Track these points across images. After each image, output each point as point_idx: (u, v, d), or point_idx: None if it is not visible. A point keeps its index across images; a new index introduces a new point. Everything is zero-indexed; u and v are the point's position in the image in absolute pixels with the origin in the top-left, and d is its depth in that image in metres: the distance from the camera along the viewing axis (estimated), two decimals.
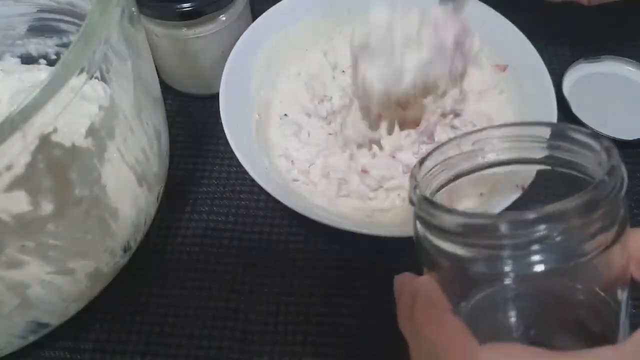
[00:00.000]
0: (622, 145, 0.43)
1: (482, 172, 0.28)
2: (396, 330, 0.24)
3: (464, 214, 0.21)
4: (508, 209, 0.33)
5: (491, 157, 0.27)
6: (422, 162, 0.27)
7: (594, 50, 0.48)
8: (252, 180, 0.35)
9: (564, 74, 0.46)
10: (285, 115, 0.43)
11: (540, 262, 0.20)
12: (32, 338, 0.33)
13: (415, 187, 0.25)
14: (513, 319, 0.22)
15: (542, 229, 0.20)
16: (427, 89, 0.35)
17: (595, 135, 0.23)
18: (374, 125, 0.40)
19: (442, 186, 0.27)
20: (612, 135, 0.43)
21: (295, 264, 0.38)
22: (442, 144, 0.27)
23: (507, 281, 0.21)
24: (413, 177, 0.26)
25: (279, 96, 0.44)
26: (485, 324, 0.23)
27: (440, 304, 0.23)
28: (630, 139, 0.43)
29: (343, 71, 0.45)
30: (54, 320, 0.33)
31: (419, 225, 0.24)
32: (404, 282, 0.25)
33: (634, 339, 0.19)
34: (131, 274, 0.37)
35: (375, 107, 0.36)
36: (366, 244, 0.38)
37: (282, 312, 0.36)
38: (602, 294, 0.22)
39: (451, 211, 0.22)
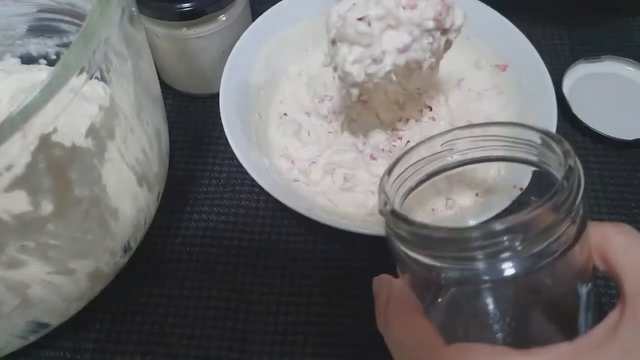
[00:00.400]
0: (622, 145, 0.43)
1: (452, 171, 0.28)
2: None
3: (428, 227, 0.22)
4: (507, 209, 0.33)
5: (459, 157, 0.28)
6: (389, 171, 0.27)
7: (594, 50, 0.48)
8: (252, 180, 0.35)
9: (564, 74, 0.46)
10: (285, 114, 0.43)
11: (507, 268, 0.21)
12: (32, 338, 0.33)
13: (384, 201, 0.25)
14: (481, 318, 0.23)
15: (504, 240, 0.20)
16: (409, 68, 0.34)
17: (556, 137, 0.24)
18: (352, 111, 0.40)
19: (413, 188, 0.28)
20: (612, 135, 0.43)
21: (295, 264, 0.38)
22: (411, 148, 0.28)
23: (473, 286, 0.22)
24: (382, 189, 0.26)
25: (279, 96, 0.44)
26: (455, 322, 0.24)
27: (410, 306, 0.24)
28: (630, 139, 0.43)
29: None
30: (54, 320, 0.33)
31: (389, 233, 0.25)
32: (381, 284, 0.26)
33: (590, 333, 0.20)
34: (131, 274, 0.37)
35: (354, 91, 0.35)
36: (366, 244, 0.38)
37: (282, 312, 0.36)
38: (567, 288, 0.23)
39: (416, 225, 0.22)
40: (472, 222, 0.31)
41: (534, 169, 0.26)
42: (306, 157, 0.41)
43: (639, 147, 0.43)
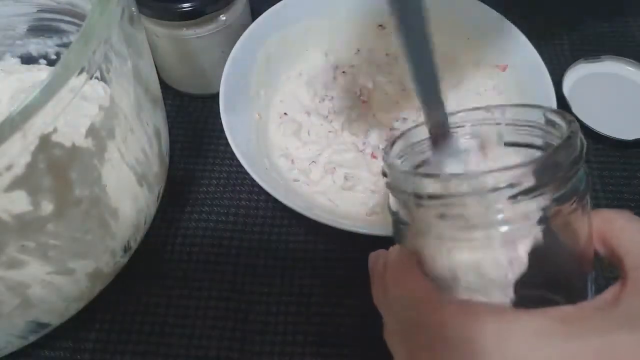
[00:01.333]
0: (622, 145, 0.43)
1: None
2: None
3: (431, 175, 0.23)
4: None
5: (463, 140, 0.27)
6: (394, 141, 0.27)
7: (594, 50, 0.48)
8: (252, 180, 0.35)
9: (564, 74, 0.46)
10: (285, 114, 0.43)
11: (504, 222, 0.21)
12: (32, 338, 0.33)
13: (386, 155, 0.26)
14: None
15: (504, 186, 0.20)
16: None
17: (561, 112, 0.24)
18: None
19: (415, 168, 0.28)
20: (612, 135, 0.43)
21: (295, 264, 0.38)
22: (414, 127, 0.28)
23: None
24: (386, 151, 0.26)
25: (279, 96, 0.44)
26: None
27: (409, 263, 0.24)
28: (630, 139, 0.43)
29: (344, 72, 0.45)
30: (54, 320, 0.33)
31: (391, 198, 0.25)
32: (377, 256, 0.26)
33: (594, 299, 0.20)
34: (131, 274, 0.37)
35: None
36: (366, 244, 0.38)
37: (282, 312, 0.36)
38: (570, 271, 0.23)
39: (419, 174, 0.23)
40: None
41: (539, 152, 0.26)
42: (306, 157, 0.41)
43: (639, 147, 0.43)
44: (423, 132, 0.27)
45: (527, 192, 0.20)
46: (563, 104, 0.44)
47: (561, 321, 0.19)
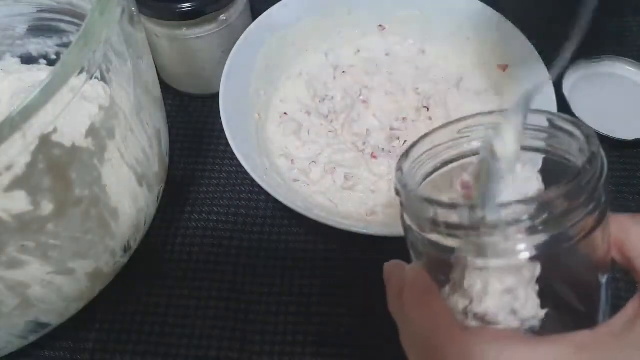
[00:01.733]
0: (622, 145, 0.43)
1: (468, 159, 0.28)
2: (396, 330, 0.24)
3: (449, 205, 0.22)
4: None
5: (477, 144, 0.27)
6: (408, 152, 0.26)
7: (594, 50, 0.48)
8: (252, 180, 0.35)
9: (564, 74, 0.46)
10: (285, 113, 0.43)
11: (525, 250, 0.20)
12: (32, 338, 0.33)
13: (400, 177, 0.25)
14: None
15: (525, 219, 0.20)
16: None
17: (576, 121, 0.23)
18: None
19: (429, 175, 0.27)
20: (612, 135, 0.43)
21: (295, 264, 0.38)
22: (427, 134, 0.27)
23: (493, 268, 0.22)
24: (399, 168, 0.25)
25: (280, 95, 0.44)
26: None
27: (427, 287, 0.23)
28: (630, 139, 0.43)
29: (344, 71, 0.46)
30: (54, 320, 0.33)
31: (405, 216, 0.24)
32: (394, 269, 0.26)
33: (609, 322, 0.20)
34: (131, 274, 0.37)
35: None
36: (366, 244, 0.38)
37: (282, 312, 0.36)
38: (585, 277, 0.23)
39: (436, 203, 0.22)
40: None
41: (543, 156, 0.26)
42: (306, 157, 0.41)
43: (639, 147, 0.43)
44: (436, 138, 0.27)
45: (547, 223, 0.20)
46: (563, 104, 0.44)
47: (577, 349, 0.19)
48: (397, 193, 0.25)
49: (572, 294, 0.23)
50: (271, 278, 0.38)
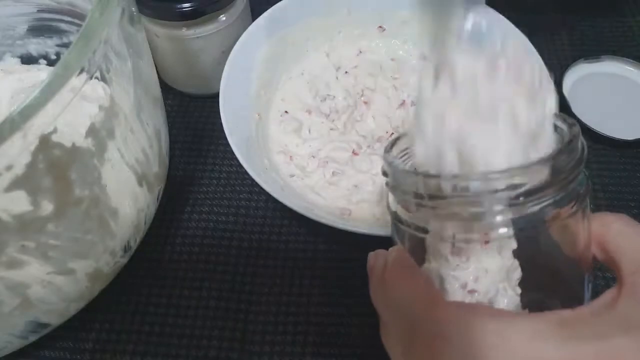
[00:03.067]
0: (622, 145, 0.43)
1: None
2: None
3: (432, 175, 0.22)
4: None
5: None
6: (397, 139, 0.27)
7: (594, 50, 0.48)
8: (252, 180, 0.35)
9: (564, 74, 0.46)
10: (286, 112, 0.43)
11: (504, 224, 0.21)
12: (32, 338, 0.33)
13: (387, 156, 0.25)
14: None
15: (505, 188, 0.20)
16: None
17: (560, 114, 0.24)
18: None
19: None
20: (612, 135, 0.43)
21: (295, 264, 0.38)
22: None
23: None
24: (388, 149, 0.26)
25: (280, 95, 0.44)
26: None
27: (408, 265, 0.24)
28: (630, 139, 0.43)
29: (346, 72, 0.46)
30: (54, 320, 0.33)
31: (390, 200, 0.25)
32: (377, 256, 0.26)
33: (590, 304, 0.20)
34: (131, 274, 0.37)
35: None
36: (366, 244, 0.38)
37: (282, 312, 0.36)
38: (568, 272, 0.23)
39: (421, 174, 0.22)
40: None
41: None
42: (306, 153, 0.41)
43: (639, 147, 0.43)
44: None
45: (527, 195, 0.20)
46: (563, 104, 0.44)
47: (559, 325, 0.19)
48: (384, 174, 0.25)
49: (554, 292, 0.23)
50: (271, 278, 0.38)
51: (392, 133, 0.42)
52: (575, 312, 0.20)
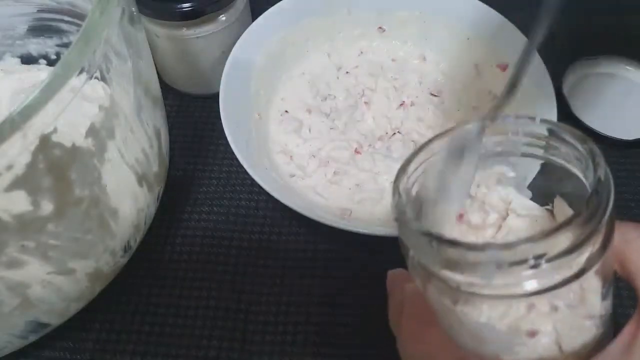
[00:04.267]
0: (622, 145, 0.43)
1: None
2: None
3: (449, 242, 0.20)
4: None
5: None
6: (405, 166, 0.25)
7: (594, 50, 0.48)
8: (252, 180, 0.35)
9: (564, 74, 0.46)
10: (286, 111, 0.43)
11: (528, 286, 0.20)
12: (32, 338, 0.33)
13: (398, 203, 0.23)
14: None
15: (530, 259, 0.19)
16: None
17: (581, 137, 0.22)
18: None
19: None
20: (612, 135, 0.43)
21: (295, 264, 0.38)
22: (424, 144, 0.25)
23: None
24: (396, 190, 0.23)
25: (281, 93, 0.44)
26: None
27: (422, 318, 0.23)
28: (630, 139, 0.43)
29: (347, 72, 0.46)
30: (54, 320, 0.33)
31: (403, 240, 0.23)
32: (395, 282, 0.25)
33: (608, 350, 0.20)
34: (131, 274, 0.37)
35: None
36: (366, 244, 0.38)
37: (282, 312, 0.36)
38: (590, 294, 0.22)
39: (436, 239, 0.20)
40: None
41: (541, 161, 0.25)
42: (306, 152, 0.41)
43: (639, 147, 0.43)
44: (433, 147, 0.25)
45: (557, 257, 0.19)
46: (563, 104, 0.44)
47: None
48: (396, 219, 0.23)
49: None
50: (271, 278, 0.38)
51: (394, 133, 0.42)
52: None
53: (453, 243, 0.20)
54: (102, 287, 0.34)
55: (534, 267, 0.19)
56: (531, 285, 0.20)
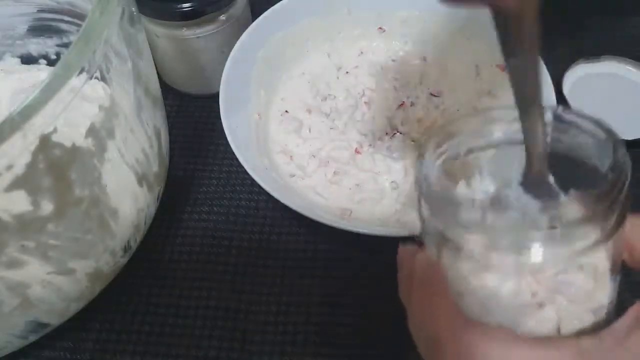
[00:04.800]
0: None
1: (489, 150, 0.27)
2: (396, 330, 0.24)
3: (469, 203, 0.21)
4: None
5: (499, 135, 0.26)
6: (431, 138, 0.25)
7: (594, 50, 0.48)
8: (252, 180, 0.35)
9: (564, 74, 0.46)
10: (287, 111, 0.43)
11: (539, 254, 0.20)
12: (32, 338, 0.33)
13: (421, 167, 0.24)
14: None
15: (545, 222, 0.20)
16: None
17: (600, 124, 0.23)
18: None
19: (449, 161, 0.26)
20: None
21: (295, 264, 0.38)
22: (449, 123, 0.26)
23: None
24: (421, 155, 0.24)
25: (281, 94, 0.44)
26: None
27: (433, 285, 0.23)
28: (630, 139, 0.43)
29: (347, 72, 0.46)
30: (54, 320, 0.33)
31: (423, 205, 0.24)
32: (406, 254, 0.26)
33: (611, 329, 0.20)
34: (131, 274, 0.37)
35: None
36: (367, 244, 0.38)
37: (282, 312, 0.36)
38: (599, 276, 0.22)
39: (456, 202, 0.22)
40: None
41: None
42: (306, 152, 0.41)
43: (639, 147, 0.43)
44: (463, 126, 0.26)
45: (571, 225, 0.20)
46: (563, 103, 0.44)
47: (579, 354, 0.19)
48: (417, 182, 0.24)
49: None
50: (271, 278, 0.38)
51: (394, 133, 0.42)
52: (595, 341, 0.19)
53: (471, 201, 0.21)
54: (102, 287, 0.34)
55: (549, 228, 0.20)
56: (542, 254, 0.20)
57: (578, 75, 0.47)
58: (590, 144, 0.23)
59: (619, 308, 0.22)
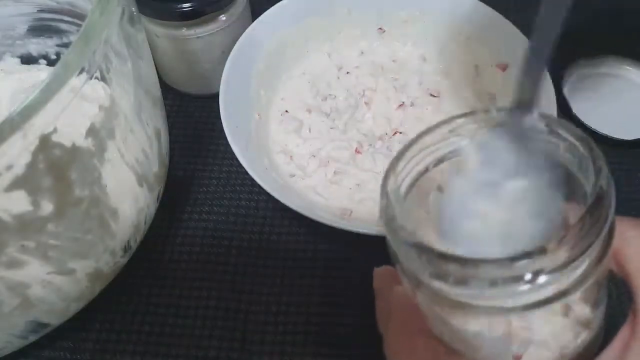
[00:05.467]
0: (622, 145, 0.43)
1: (457, 157, 0.25)
2: None
3: (440, 255, 0.19)
4: None
5: (466, 142, 0.25)
6: (394, 164, 0.24)
7: (594, 50, 0.48)
8: (252, 180, 0.35)
9: (564, 74, 0.46)
10: (287, 111, 0.43)
11: (526, 294, 0.19)
12: (32, 338, 0.33)
13: (386, 207, 0.22)
14: None
15: (525, 275, 0.18)
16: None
17: (582, 137, 0.22)
18: None
19: (417, 178, 0.25)
20: (612, 135, 0.43)
21: (295, 264, 0.38)
22: (417, 137, 0.25)
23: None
24: (384, 191, 0.23)
25: (281, 94, 0.44)
26: None
27: (413, 327, 0.23)
28: (630, 139, 0.43)
29: (348, 72, 0.46)
30: (54, 320, 0.33)
31: (390, 243, 0.22)
32: (382, 282, 0.25)
33: (605, 354, 0.19)
34: (131, 274, 0.37)
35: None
36: (366, 244, 0.38)
37: (282, 312, 0.36)
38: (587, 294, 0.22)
39: (426, 252, 0.20)
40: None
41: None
42: (306, 152, 0.41)
43: (639, 147, 0.43)
44: (426, 139, 0.24)
45: (554, 272, 0.18)
46: (563, 104, 0.44)
47: None
48: (384, 224, 0.23)
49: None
50: (271, 278, 0.38)
51: (394, 133, 0.42)
52: None
53: (444, 257, 0.19)
54: (102, 287, 0.34)
55: (530, 282, 0.18)
56: (525, 299, 0.19)
57: (578, 75, 0.47)
58: (575, 161, 0.22)
59: (620, 308, 0.22)
